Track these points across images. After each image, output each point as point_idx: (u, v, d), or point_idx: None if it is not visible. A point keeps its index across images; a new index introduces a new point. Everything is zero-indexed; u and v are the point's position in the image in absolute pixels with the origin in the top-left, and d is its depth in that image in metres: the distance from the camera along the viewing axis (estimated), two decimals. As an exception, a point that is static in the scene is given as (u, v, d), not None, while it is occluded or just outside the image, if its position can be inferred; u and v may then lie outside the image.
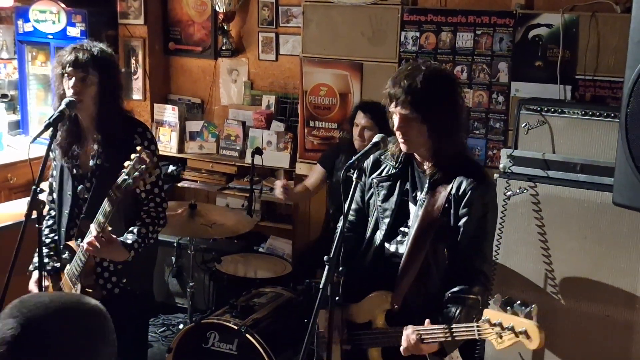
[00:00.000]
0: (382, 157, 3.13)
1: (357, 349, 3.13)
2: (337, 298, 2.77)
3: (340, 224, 2.87)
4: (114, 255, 3.39)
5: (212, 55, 6.49)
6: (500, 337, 2.61)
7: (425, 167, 3.04)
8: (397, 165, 3.10)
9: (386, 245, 3.10)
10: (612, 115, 4.03)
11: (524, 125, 4.28)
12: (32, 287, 3.61)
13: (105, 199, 3.17)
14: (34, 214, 3.26)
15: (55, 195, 3.67)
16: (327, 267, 2.71)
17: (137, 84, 6.53)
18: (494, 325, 2.62)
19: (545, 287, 4.22)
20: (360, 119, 4.74)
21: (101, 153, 3.49)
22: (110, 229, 3.25)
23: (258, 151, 5.63)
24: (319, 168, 5.31)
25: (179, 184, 6.49)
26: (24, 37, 6.53)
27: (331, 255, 2.71)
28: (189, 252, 5.06)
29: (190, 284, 4.96)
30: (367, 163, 3.17)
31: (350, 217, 3.23)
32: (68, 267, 3.53)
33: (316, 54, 5.66)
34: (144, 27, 6.45)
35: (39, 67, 6.71)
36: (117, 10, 6.47)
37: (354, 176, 2.83)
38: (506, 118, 5.10)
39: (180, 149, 6.54)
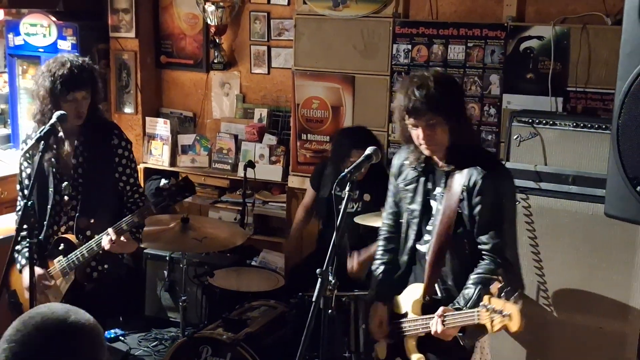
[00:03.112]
0: (405, 162, 3.34)
1: (398, 339, 3.33)
2: (330, 311, 2.78)
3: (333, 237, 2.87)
4: (129, 248, 3.83)
5: (204, 68, 6.48)
6: (492, 320, 2.79)
7: (440, 163, 3.21)
8: (418, 169, 3.27)
9: (417, 246, 3.30)
10: (604, 126, 4.04)
11: (515, 137, 4.29)
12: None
13: (135, 214, 3.65)
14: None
15: (35, 192, 3.73)
16: (319, 280, 2.71)
17: (129, 97, 6.52)
18: (489, 310, 2.80)
19: (538, 299, 4.21)
20: (358, 156, 4.73)
21: (82, 152, 3.73)
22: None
23: (250, 164, 5.62)
24: (310, 190, 5.38)
25: (170, 198, 6.46)
26: (15, 51, 6.51)
27: (324, 268, 2.72)
28: (181, 266, 5.03)
29: (183, 298, 4.93)
30: (394, 168, 3.42)
31: (389, 221, 3.50)
32: (61, 258, 3.74)
33: (308, 67, 5.66)
34: (135, 40, 6.44)
35: (30, 80, 6.66)
36: (109, 23, 6.46)
37: (346, 190, 2.88)
38: (498, 130, 5.10)
39: (172, 162, 6.52)
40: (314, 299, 2.71)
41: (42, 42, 6.31)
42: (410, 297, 3.29)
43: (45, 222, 3.75)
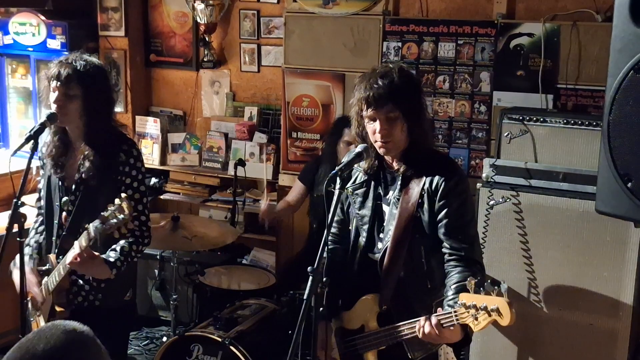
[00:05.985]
0: (354, 165, 3.14)
1: (353, 355, 3.16)
2: (321, 309, 2.78)
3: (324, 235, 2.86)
4: (96, 272, 3.37)
5: (193, 66, 6.47)
6: (476, 318, 2.66)
7: (395, 166, 3.07)
8: (368, 171, 3.13)
9: (369, 255, 3.13)
10: (594, 123, 4.05)
11: (506, 134, 4.29)
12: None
13: (86, 230, 3.15)
14: (15, 228, 3.24)
15: (43, 203, 3.64)
16: (310, 278, 2.70)
17: (119, 96, 6.50)
18: (469, 307, 2.66)
19: (529, 296, 4.22)
20: (350, 136, 4.72)
21: (86, 167, 3.45)
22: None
23: (241, 163, 5.62)
24: (298, 184, 5.32)
25: (161, 197, 6.45)
26: (4, 50, 6.49)
27: (315, 267, 2.71)
28: (172, 264, 5.03)
29: (174, 296, 4.93)
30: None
31: (334, 230, 3.30)
32: (47, 278, 3.51)
33: (298, 65, 5.66)
34: (124, 39, 6.42)
35: (19, 79, 6.66)
36: (98, 22, 6.44)
37: (337, 187, 2.83)
38: (488, 128, 5.11)
39: (163, 161, 6.51)
40: (305, 297, 2.70)
41: (32, 41, 6.29)
42: (364, 310, 3.12)
43: (53, 239, 3.55)
